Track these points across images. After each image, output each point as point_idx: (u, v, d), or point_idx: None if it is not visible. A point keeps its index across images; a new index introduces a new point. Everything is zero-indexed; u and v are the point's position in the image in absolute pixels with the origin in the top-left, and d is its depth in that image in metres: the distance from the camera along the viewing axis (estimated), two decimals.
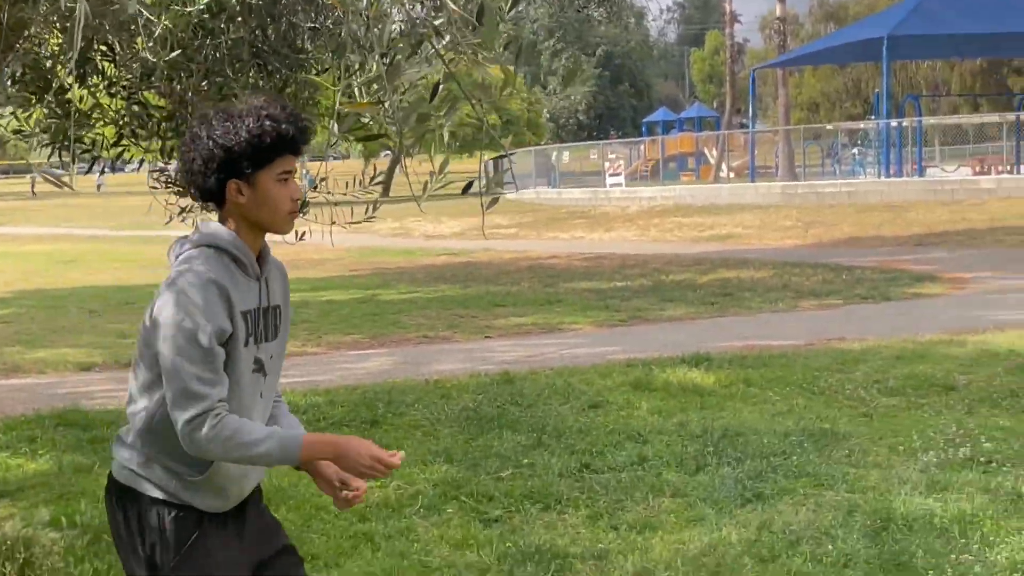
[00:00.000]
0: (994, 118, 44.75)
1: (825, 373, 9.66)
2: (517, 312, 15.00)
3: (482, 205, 2.91)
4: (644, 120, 65.98)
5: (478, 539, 5.94)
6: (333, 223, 4.61)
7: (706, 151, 51.32)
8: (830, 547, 5.57)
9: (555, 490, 6.69)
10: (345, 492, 3.27)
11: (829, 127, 48.89)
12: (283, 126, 3.02)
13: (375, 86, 2.86)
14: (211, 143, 3.00)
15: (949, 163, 42.58)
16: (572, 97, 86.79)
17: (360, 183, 4.15)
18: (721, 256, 22.09)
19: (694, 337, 12.20)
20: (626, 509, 6.38)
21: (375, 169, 3.98)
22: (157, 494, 3.03)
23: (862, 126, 44.01)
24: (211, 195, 3.07)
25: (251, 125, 2.99)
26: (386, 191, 55.77)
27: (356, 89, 3.18)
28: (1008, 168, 36.67)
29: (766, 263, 19.79)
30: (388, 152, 59.17)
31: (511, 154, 2.71)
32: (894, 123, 37.68)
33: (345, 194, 4.07)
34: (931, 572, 5.20)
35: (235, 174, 3.02)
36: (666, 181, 43.56)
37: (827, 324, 12.90)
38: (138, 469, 3.04)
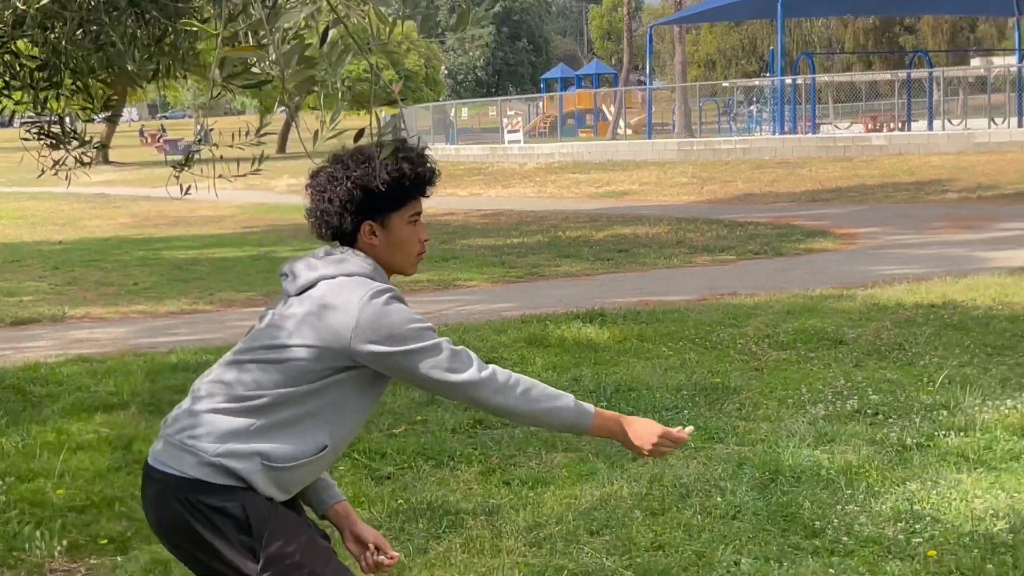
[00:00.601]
0: (886, 76, 45.38)
1: (717, 328, 9.74)
2: None
3: (377, 157, 2.90)
4: (543, 77, 65.89)
5: (370, 496, 5.90)
6: (219, 176, 4.51)
7: (604, 108, 51.41)
8: (719, 499, 5.62)
9: (448, 446, 6.68)
10: (380, 557, 3.33)
11: (725, 84, 49.25)
12: (419, 168, 3.14)
13: (260, 31, 2.80)
14: (350, 184, 3.09)
15: (842, 120, 43.14)
16: (470, 53, 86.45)
17: (247, 136, 4.06)
18: (618, 212, 22.19)
19: (589, 293, 12.24)
20: (519, 465, 6.38)
21: (260, 121, 3.90)
22: (236, 483, 2.99)
23: (757, 83, 44.36)
24: (343, 235, 3.16)
25: (390, 167, 3.08)
26: (283, 147, 55.24)
27: (240, 35, 3.11)
28: (899, 125, 37.21)
29: (662, 219, 19.92)
30: (285, 108, 58.49)
31: (402, 100, 2.66)
32: (788, 80, 38.04)
33: (232, 146, 3.99)
34: (817, 523, 5.26)
35: (371, 215, 3.12)
36: (564, 138, 43.59)
37: (720, 279, 13.02)
38: (223, 460, 2.98)
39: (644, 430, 3.13)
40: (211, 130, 5.03)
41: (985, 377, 7.77)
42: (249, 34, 3.23)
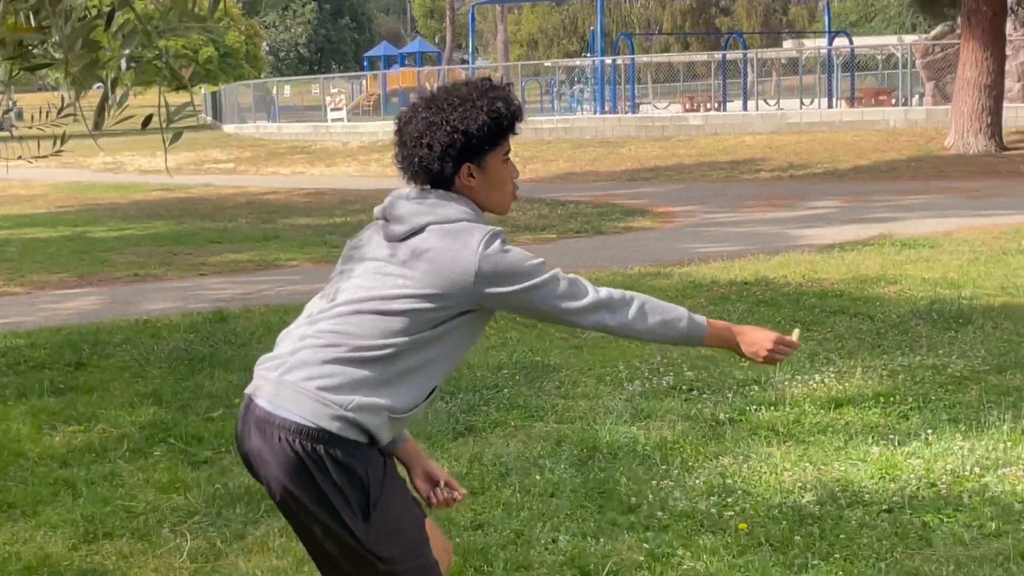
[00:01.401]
0: (703, 57, 46.26)
1: None
2: (233, 249, 14.73)
3: (164, 140, 2.83)
4: (366, 55, 65.42)
5: (186, 482, 5.81)
6: (19, 157, 4.37)
7: (428, 86, 51.29)
8: (538, 477, 5.67)
9: None
10: (453, 494, 3.38)
11: (547, 64, 49.58)
12: (512, 106, 3.16)
13: (42, 13, 2.71)
14: (449, 127, 3.09)
15: (661, 100, 43.86)
16: (292, 30, 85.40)
17: (48, 115, 3.95)
18: None
19: None
20: None
21: (63, 101, 3.79)
22: (362, 438, 3.02)
23: (579, 63, 44.78)
24: (441, 179, 3.15)
25: (487, 107, 3.11)
26: (98, 125, 53.80)
27: (22, 16, 3.01)
28: (716, 105, 37.97)
29: None
30: (100, 85, 56.91)
31: (192, 87, 2.60)
32: (609, 61, 38.51)
33: (30, 127, 3.87)
34: (633, 498, 5.35)
35: (470, 157, 3.14)
36: (388, 116, 43.37)
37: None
38: (355, 415, 3.00)
39: (758, 338, 3.24)
40: (11, 109, 4.88)
41: (795, 352, 7.97)
42: (30, 15, 3.12)
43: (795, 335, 3.30)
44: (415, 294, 3.04)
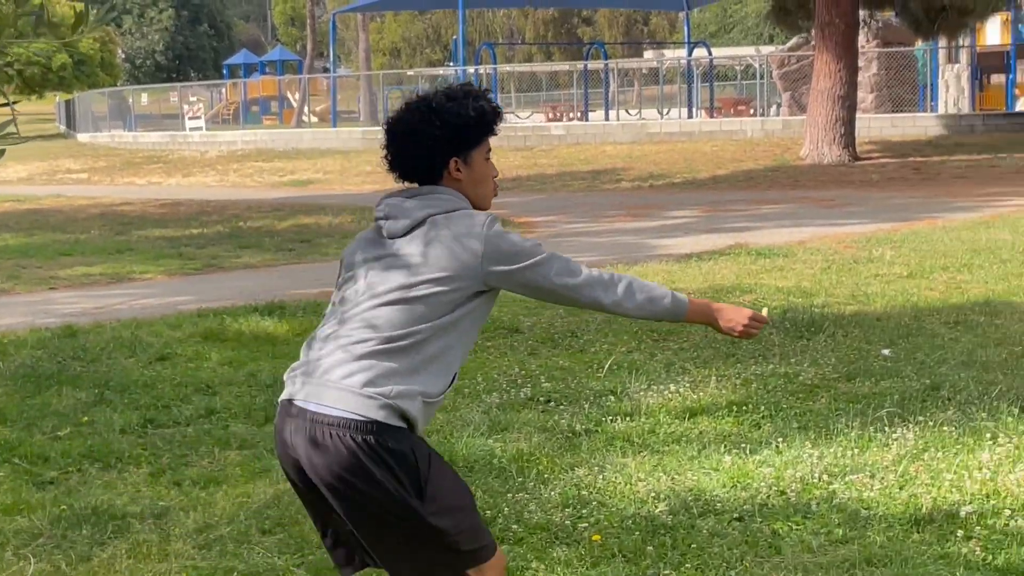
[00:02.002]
0: (565, 67, 46.59)
1: None
2: (85, 262, 14.39)
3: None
4: (225, 62, 64.65)
5: (30, 503, 5.64)
6: None
7: (289, 95, 50.91)
8: None
9: (116, 448, 6.45)
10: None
11: (410, 73, 49.54)
12: (493, 105, 3.46)
13: None
14: (439, 122, 3.36)
15: (524, 110, 44.06)
16: (148, 36, 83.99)
17: None
18: (301, 202, 22.00)
19: (270, 285, 12.08)
20: (191, 464, 6.23)
21: None
22: (401, 424, 3.23)
23: (442, 72, 44.78)
24: (430, 175, 3.42)
25: (472, 105, 3.40)
26: None
27: None
28: (578, 115, 38.27)
29: (345, 208, 19.85)
30: None
31: (14, 103, 2.52)
32: (471, 70, 38.55)
33: None
34: (488, 512, 5.33)
35: (458, 152, 3.41)
36: (248, 125, 42.92)
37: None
38: (397, 402, 3.21)
39: (734, 315, 3.53)
40: None
41: (651, 362, 8.05)
42: None
43: (764, 312, 3.64)
44: (430, 278, 3.26)
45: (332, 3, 69.26)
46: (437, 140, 3.38)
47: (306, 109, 46.28)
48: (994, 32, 33.80)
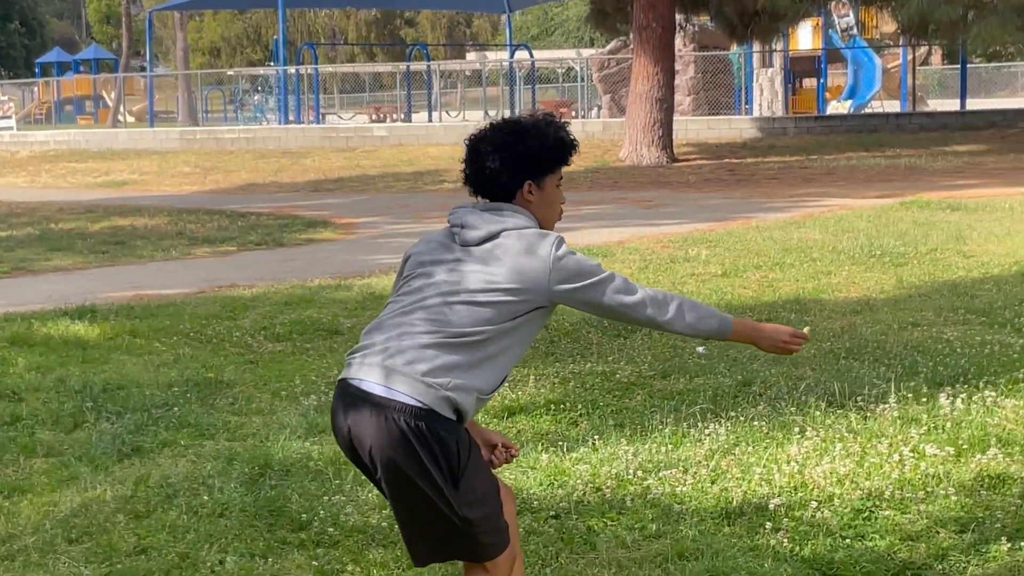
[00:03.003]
0: (388, 68, 46.45)
1: (214, 321, 9.59)
2: None
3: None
4: (38, 61, 62.77)
5: None
6: None
7: (104, 94, 49.73)
8: (206, 498, 5.51)
9: None
10: (505, 454, 3.86)
11: (230, 73, 48.88)
12: (572, 136, 3.72)
13: None
14: (521, 148, 3.62)
15: (347, 111, 43.82)
16: None
17: None
18: (116, 203, 21.48)
19: (81, 288, 11.75)
20: None
21: None
22: (454, 416, 3.46)
23: (263, 72, 44.27)
24: (505, 194, 3.65)
25: (552, 135, 3.66)
26: None
27: None
28: (401, 116, 38.22)
29: (162, 210, 19.45)
30: None
31: None
32: (292, 70, 38.17)
33: None
34: (304, 515, 5.27)
35: (533, 176, 3.65)
36: (61, 125, 41.79)
37: (220, 271, 12.85)
38: (452, 394, 3.43)
39: (774, 334, 3.78)
40: None
41: None
42: None
43: (806, 330, 3.87)
44: (499, 288, 3.50)
45: (148, 1, 67.86)
46: (517, 163, 3.62)
47: (122, 109, 45.28)
48: (806, 37, 34.79)
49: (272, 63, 46.52)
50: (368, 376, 3.51)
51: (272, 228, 16.86)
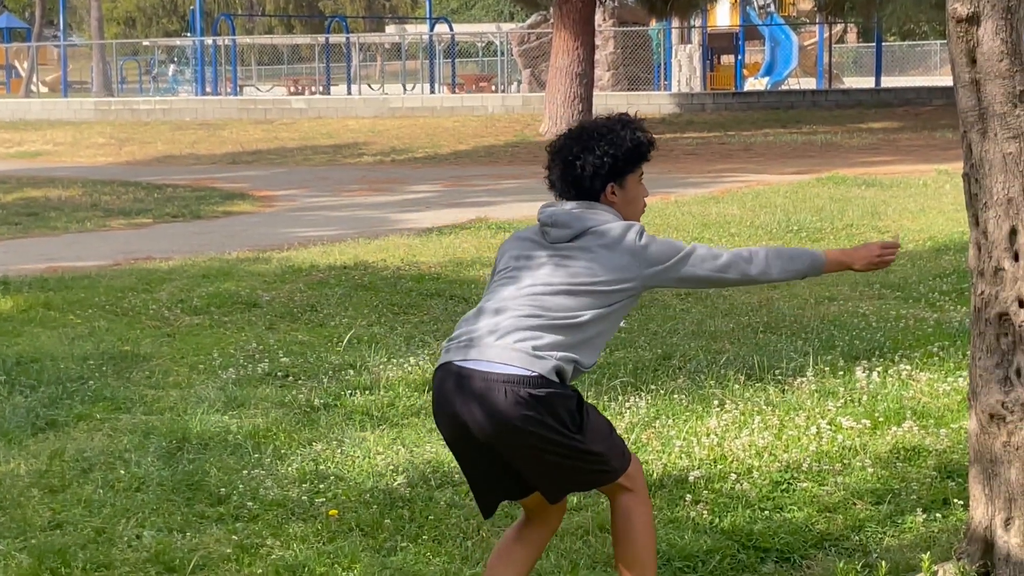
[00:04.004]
0: (307, 40, 46.05)
1: (130, 293, 9.46)
2: None
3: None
4: None
5: None
6: None
7: (16, 64, 48.81)
8: (123, 472, 5.44)
9: None
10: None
11: (146, 43, 48.18)
12: (649, 136, 3.86)
13: None
14: (600, 152, 3.78)
15: (265, 83, 43.40)
16: None
17: None
18: (29, 174, 21.13)
19: None
20: None
21: None
22: (558, 380, 3.64)
23: (179, 43, 43.71)
24: (589, 195, 3.82)
25: (629, 137, 3.81)
26: None
27: None
28: (320, 89, 37.92)
29: (76, 181, 19.16)
30: None
31: None
32: (209, 41, 37.72)
33: None
34: (223, 489, 5.22)
35: (615, 178, 3.81)
36: None
37: (136, 243, 12.69)
38: (559, 362, 3.61)
39: (866, 253, 3.95)
40: None
41: (392, 336, 8.03)
42: None
43: (896, 238, 4.17)
44: (595, 280, 3.69)
45: None
46: (596, 169, 3.79)
47: (35, 78, 44.48)
48: (724, 14, 34.99)
49: (189, 34, 45.92)
50: (479, 356, 3.64)
51: (189, 200, 16.68)
